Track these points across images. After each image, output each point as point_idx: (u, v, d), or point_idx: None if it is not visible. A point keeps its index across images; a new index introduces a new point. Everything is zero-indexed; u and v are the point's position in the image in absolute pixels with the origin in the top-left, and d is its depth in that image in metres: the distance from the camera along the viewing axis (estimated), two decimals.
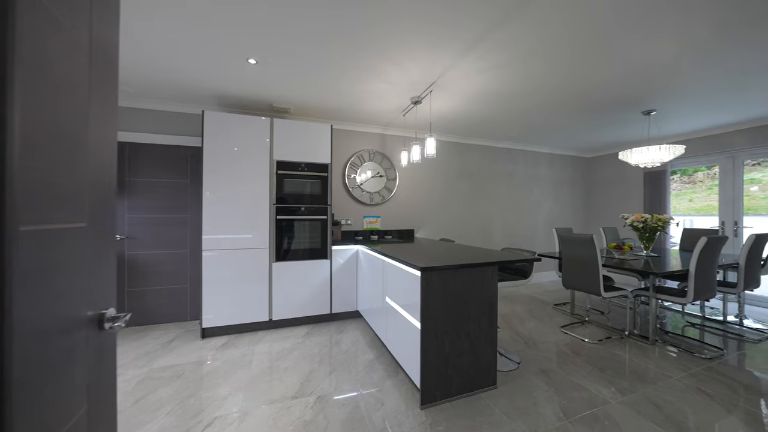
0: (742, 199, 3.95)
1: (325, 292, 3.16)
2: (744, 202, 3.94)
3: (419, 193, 4.30)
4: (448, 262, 1.91)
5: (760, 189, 4.16)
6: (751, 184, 4.01)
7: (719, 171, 4.13)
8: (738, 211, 3.96)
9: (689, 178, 5.22)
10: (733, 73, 2.47)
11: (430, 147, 2.75)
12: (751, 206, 3.98)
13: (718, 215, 4.14)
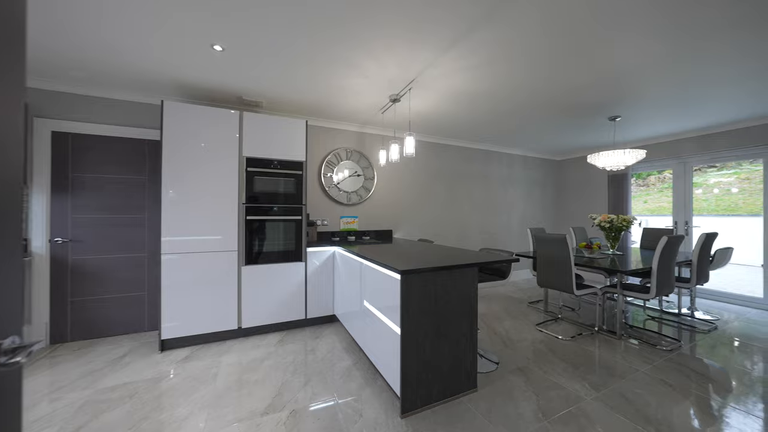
0: (691, 201, 4.29)
1: (300, 297, 3.00)
2: (693, 203, 4.28)
3: (397, 193, 4.24)
4: (428, 264, 1.85)
5: (702, 192, 4.54)
6: (696, 188, 4.37)
7: (672, 175, 4.46)
8: (688, 211, 4.29)
9: (643, 181, 5.61)
10: (686, 85, 2.64)
11: (410, 146, 2.69)
12: (697, 207, 4.34)
13: (672, 215, 4.47)
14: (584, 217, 5.43)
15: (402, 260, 1.99)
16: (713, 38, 1.97)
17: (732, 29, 1.88)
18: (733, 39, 1.98)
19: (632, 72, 2.42)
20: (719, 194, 5.43)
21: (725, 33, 1.92)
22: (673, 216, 4.42)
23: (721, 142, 3.90)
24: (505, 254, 2.36)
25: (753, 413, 1.77)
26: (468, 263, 1.90)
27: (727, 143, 3.85)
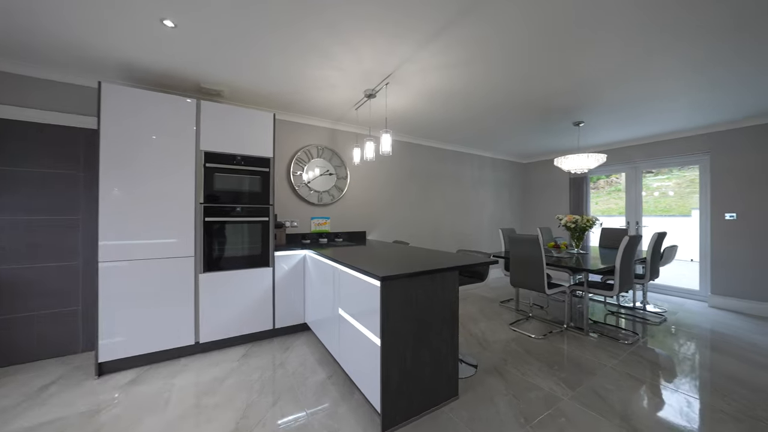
0: (641, 203, 4.67)
1: (267, 305, 2.76)
2: (643, 205, 4.67)
3: (371, 194, 4.11)
4: (408, 268, 1.75)
5: (644, 194, 4.98)
6: (644, 190, 4.77)
7: (625, 178, 4.82)
8: (639, 212, 4.66)
9: (594, 184, 6.05)
10: (640, 96, 2.83)
11: (386, 144, 2.58)
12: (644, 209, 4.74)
13: (624, 215, 4.83)
14: (548, 217, 5.71)
15: (380, 264, 1.87)
16: (668, 51, 2.10)
17: (683, 44, 2.01)
18: (684, 54, 2.12)
19: (599, 79, 2.52)
20: (658, 197, 6.04)
21: (679, 46, 2.04)
22: (626, 216, 4.78)
23: (666, 149, 4.27)
24: (482, 256, 2.33)
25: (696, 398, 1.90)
26: (449, 267, 1.83)
27: (671, 150, 4.23)
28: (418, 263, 1.92)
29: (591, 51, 2.10)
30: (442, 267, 1.79)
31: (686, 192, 6.20)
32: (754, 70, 2.38)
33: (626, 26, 1.84)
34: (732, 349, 2.65)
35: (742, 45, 2.03)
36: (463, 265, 1.90)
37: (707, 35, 1.93)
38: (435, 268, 1.76)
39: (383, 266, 1.82)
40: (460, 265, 1.88)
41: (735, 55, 2.18)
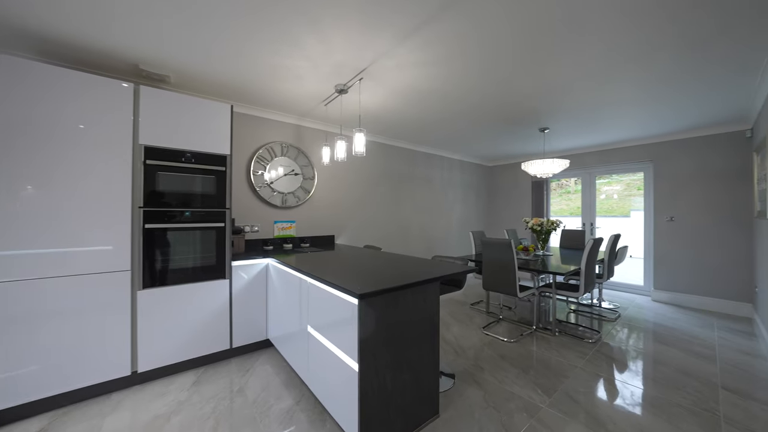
0: (595, 205, 5.01)
1: (224, 322, 2.43)
2: (597, 207, 5.02)
3: (340, 195, 3.90)
4: (387, 281, 1.59)
5: (608, 197, 5.38)
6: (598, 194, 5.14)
7: (582, 183, 5.15)
8: (593, 214, 5.00)
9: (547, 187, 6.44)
10: (597, 106, 2.98)
11: (359, 144, 2.40)
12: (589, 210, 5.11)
13: (580, 217, 5.16)
14: (512, 219, 5.92)
15: (354, 277, 1.70)
16: (626, 67, 2.19)
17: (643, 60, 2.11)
18: (637, 70, 2.23)
19: (568, 84, 2.57)
20: (604, 199, 6.60)
21: (643, 60, 2.14)
22: (582, 218, 5.11)
23: (617, 156, 4.62)
24: (460, 263, 2.26)
25: (667, 395, 2.00)
26: (430, 278, 1.70)
27: (621, 158, 4.58)
28: (396, 274, 1.78)
29: (565, 56, 2.11)
30: (424, 279, 1.66)
31: (625, 195, 6.90)
32: (695, 89, 2.60)
33: (601, 36, 1.86)
34: (678, 342, 2.88)
35: (687, 65, 2.18)
36: (444, 275, 1.79)
37: (659, 55, 2.04)
38: (417, 280, 1.62)
39: (358, 279, 1.65)
40: (442, 275, 1.77)
41: (680, 75, 2.35)
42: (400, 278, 1.65)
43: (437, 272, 1.82)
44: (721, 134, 3.74)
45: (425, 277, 1.69)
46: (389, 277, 1.70)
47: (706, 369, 2.39)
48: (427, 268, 1.95)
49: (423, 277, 1.69)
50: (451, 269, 1.91)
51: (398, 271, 1.85)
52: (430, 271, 1.85)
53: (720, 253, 3.75)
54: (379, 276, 1.73)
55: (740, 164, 3.61)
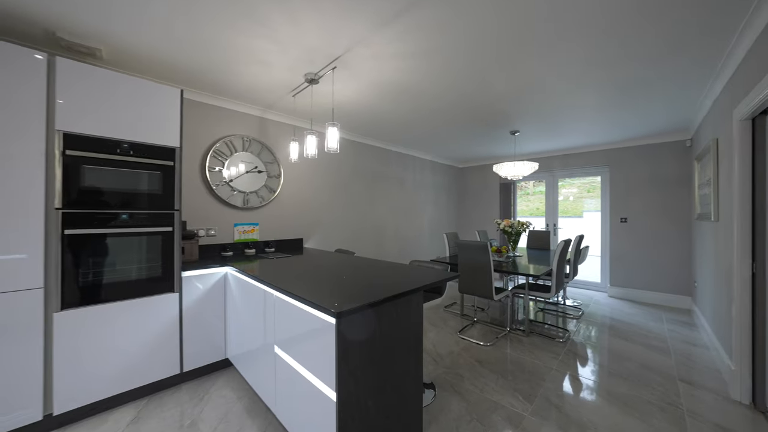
0: (558, 207, 5.26)
1: (172, 342, 2.08)
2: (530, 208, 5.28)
3: (309, 195, 3.63)
4: (367, 294, 1.42)
5: (565, 198, 5.68)
6: (547, 196, 5.41)
7: (545, 185, 5.38)
8: (556, 215, 5.25)
9: None
10: (562, 110, 3.08)
11: (333, 140, 2.19)
12: (546, 210, 5.39)
13: (544, 218, 5.39)
14: (482, 220, 6.03)
15: (328, 289, 1.50)
16: (603, 69, 2.25)
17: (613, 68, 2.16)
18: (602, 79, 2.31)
19: (543, 86, 2.59)
20: (561, 201, 7.03)
21: (610, 69, 2.20)
22: (546, 219, 5.34)
23: (578, 160, 4.88)
24: (441, 269, 2.15)
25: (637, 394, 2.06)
26: (415, 288, 1.56)
27: (581, 162, 4.84)
28: (375, 284, 1.61)
29: (543, 56, 2.09)
30: (408, 289, 1.51)
31: (578, 197, 7.45)
32: (648, 100, 2.77)
33: (579, 42, 1.85)
34: (637, 337, 3.05)
35: (644, 78, 2.29)
36: (429, 284, 1.65)
37: (622, 67, 2.11)
38: (400, 292, 1.47)
39: (333, 292, 1.45)
40: (426, 284, 1.63)
41: (636, 86, 2.49)
42: (380, 289, 1.49)
43: (420, 281, 1.68)
44: (667, 143, 4.09)
45: (408, 287, 1.54)
46: (368, 287, 1.53)
47: (664, 362, 2.53)
48: (408, 277, 1.80)
49: (406, 287, 1.54)
50: (434, 277, 1.79)
51: (378, 281, 1.68)
52: (412, 280, 1.70)
53: (666, 252, 4.10)
54: (356, 287, 1.54)
55: (683, 171, 3.97)
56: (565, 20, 1.69)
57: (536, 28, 1.76)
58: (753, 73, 1.82)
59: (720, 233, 2.48)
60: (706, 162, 2.92)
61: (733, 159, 2.09)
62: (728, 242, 2.26)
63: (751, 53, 1.86)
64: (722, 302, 2.43)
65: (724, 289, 2.38)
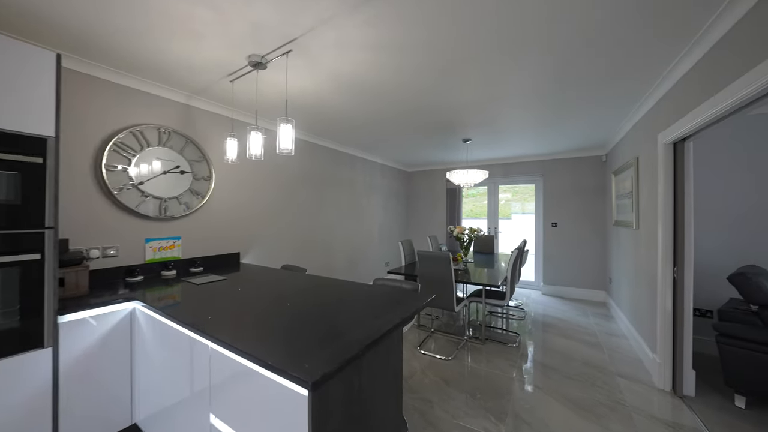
0: (498, 211, 5.62)
1: (41, 417, 1.43)
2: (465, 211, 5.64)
3: (248, 201, 3.08)
4: (341, 341, 1.12)
5: (506, 203, 6.10)
6: (481, 200, 5.81)
7: (488, 191, 5.70)
8: (496, 219, 5.60)
9: None
10: (504, 122, 3.23)
11: (286, 139, 1.80)
12: (480, 213, 5.77)
13: (486, 221, 5.70)
14: (430, 225, 6.10)
15: (285, 332, 1.15)
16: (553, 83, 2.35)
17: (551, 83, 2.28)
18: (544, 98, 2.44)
19: (499, 95, 2.61)
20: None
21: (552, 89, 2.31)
22: (488, 223, 5.65)
23: (516, 169, 5.26)
24: (411, 289, 1.95)
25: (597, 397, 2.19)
26: (397, 323, 1.31)
27: (519, 171, 5.24)
28: (346, 320, 1.31)
29: (499, 70, 2.07)
30: (390, 327, 1.26)
31: (508, 201, 8.30)
32: (577, 120, 3.07)
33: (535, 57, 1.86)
34: (573, 333, 3.35)
35: (576, 99, 2.50)
36: (409, 315, 1.43)
37: (560, 89, 2.25)
38: (383, 332, 1.20)
39: (292, 337, 1.12)
40: (407, 316, 1.40)
41: (570, 107, 2.74)
42: (355, 328, 1.20)
43: (398, 309, 1.44)
44: (587, 157, 4.66)
45: (388, 323, 1.29)
46: (338, 327, 1.23)
47: (600, 357, 2.79)
48: (381, 305, 1.55)
49: (386, 322, 1.29)
50: (412, 303, 1.57)
51: (346, 316, 1.39)
52: (389, 310, 1.45)
53: (586, 252, 4.67)
54: (322, 326, 1.23)
55: (600, 182, 4.57)
56: (513, 38, 1.66)
57: (489, 43, 1.71)
58: (680, 106, 2.06)
59: (641, 240, 2.84)
60: (625, 176, 3.35)
61: (658, 177, 2.37)
62: (650, 248, 2.58)
63: (676, 90, 2.12)
64: (642, 300, 2.78)
65: (644, 289, 2.71)
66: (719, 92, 1.62)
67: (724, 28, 1.57)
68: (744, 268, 2.39)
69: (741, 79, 1.46)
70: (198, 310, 1.48)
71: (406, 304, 1.55)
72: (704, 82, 1.79)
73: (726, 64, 1.59)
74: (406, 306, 1.51)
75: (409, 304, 1.54)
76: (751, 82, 1.40)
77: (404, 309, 1.46)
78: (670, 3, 1.45)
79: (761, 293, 2.16)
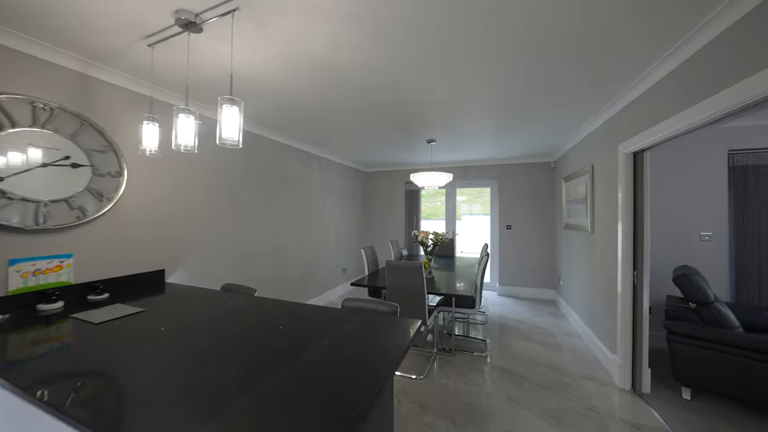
0: (455, 214, 5.65)
1: None
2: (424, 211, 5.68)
3: (175, 204, 2.46)
4: (325, 411, 0.78)
5: (439, 204, 6.18)
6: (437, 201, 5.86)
7: (446, 193, 5.69)
8: (454, 222, 5.62)
9: None
10: (467, 125, 3.18)
11: (231, 126, 1.35)
12: (436, 214, 5.82)
13: (444, 223, 5.70)
14: (390, 228, 5.88)
15: (240, 408, 0.77)
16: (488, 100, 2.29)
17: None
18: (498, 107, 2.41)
19: (461, 104, 2.49)
20: (440, 206, 7.83)
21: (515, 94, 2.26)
22: (446, 225, 5.65)
23: (474, 172, 5.33)
24: (386, 309, 1.66)
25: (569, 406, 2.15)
26: (392, 371, 1.00)
27: (476, 174, 5.32)
28: (320, 374, 0.97)
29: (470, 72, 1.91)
30: (385, 375, 0.95)
31: (458, 203, 8.60)
32: (532, 127, 3.15)
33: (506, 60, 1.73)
34: (534, 335, 3.40)
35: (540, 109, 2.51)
36: (401, 356, 1.13)
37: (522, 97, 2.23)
38: (377, 389, 0.88)
39: (254, 418, 0.74)
40: (401, 357, 1.10)
41: (527, 116, 2.81)
42: (336, 383, 0.87)
43: (391, 353, 1.13)
44: (538, 163, 4.91)
45: (382, 377, 0.98)
46: (319, 398, 0.88)
47: (563, 360, 2.84)
48: (368, 346, 1.22)
49: (383, 371, 0.97)
50: (401, 337, 1.27)
51: (328, 372, 1.03)
52: (379, 356, 1.13)
53: (539, 254, 4.91)
54: (297, 398, 0.87)
55: (549, 187, 4.84)
56: (500, 39, 1.53)
57: (476, 41, 1.56)
58: (643, 120, 2.14)
59: (596, 244, 2.97)
60: (578, 183, 3.52)
61: (618, 185, 2.46)
62: (607, 252, 2.69)
63: (639, 103, 2.20)
64: (598, 302, 2.91)
65: (601, 291, 2.83)
66: (681, 111, 1.73)
67: (691, 51, 1.64)
68: (682, 269, 2.61)
69: (703, 102, 1.55)
70: (88, 374, 0.97)
71: (391, 336, 1.25)
72: (668, 101, 1.85)
73: (691, 84, 1.66)
74: (392, 340, 1.21)
75: (396, 338, 1.24)
76: (715, 105, 1.48)
77: (392, 346, 1.16)
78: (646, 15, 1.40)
79: (700, 293, 2.35)
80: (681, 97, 1.73)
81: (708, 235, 2.96)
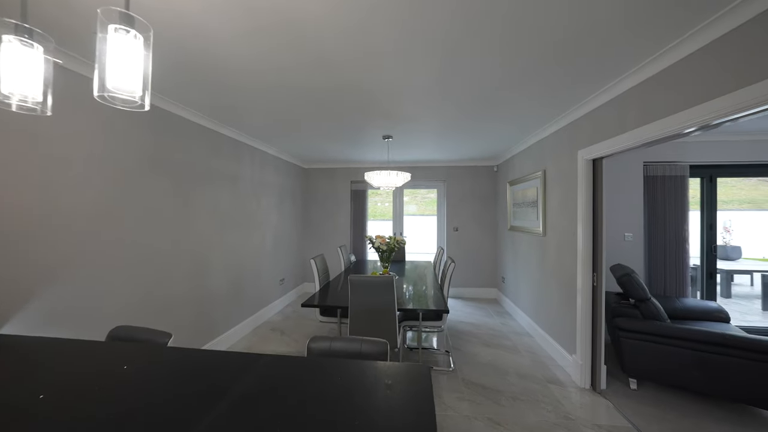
0: (403, 215, 5.47)
1: None
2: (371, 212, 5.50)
3: (28, 200, 1.53)
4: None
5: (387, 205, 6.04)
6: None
7: (393, 195, 5.45)
8: (401, 223, 5.43)
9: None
10: (421, 121, 3.00)
11: (125, 70, 0.73)
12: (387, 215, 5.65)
13: (392, 224, 5.46)
14: (333, 232, 5.34)
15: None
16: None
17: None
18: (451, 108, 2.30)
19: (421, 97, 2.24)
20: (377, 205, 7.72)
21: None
22: (393, 227, 5.42)
23: (421, 174, 5.21)
24: (373, 350, 1.25)
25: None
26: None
27: (424, 175, 5.21)
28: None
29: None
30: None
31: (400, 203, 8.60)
32: (480, 131, 3.16)
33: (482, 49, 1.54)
34: (490, 339, 3.39)
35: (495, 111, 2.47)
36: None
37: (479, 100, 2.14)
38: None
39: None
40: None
41: (482, 119, 2.77)
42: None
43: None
44: (482, 166, 5.06)
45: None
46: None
47: (524, 363, 2.84)
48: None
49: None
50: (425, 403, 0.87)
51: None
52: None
53: (483, 255, 5.07)
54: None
55: (492, 190, 5.03)
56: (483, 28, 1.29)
57: (444, 28, 1.27)
58: (605, 129, 2.21)
59: (549, 246, 3.07)
60: (526, 186, 3.65)
61: (578, 190, 2.53)
62: (562, 255, 2.77)
63: (601, 113, 2.27)
64: (552, 304, 3.01)
65: (555, 293, 2.93)
66: (648, 124, 1.80)
67: (656, 68, 1.70)
68: (621, 268, 2.86)
69: (668, 118, 1.62)
70: None
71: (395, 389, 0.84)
72: (635, 114, 1.89)
73: (655, 99, 1.72)
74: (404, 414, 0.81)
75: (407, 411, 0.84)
76: (680, 121, 1.55)
77: None
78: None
79: (641, 290, 2.58)
80: (648, 111, 1.79)
81: (630, 236, 3.37)
